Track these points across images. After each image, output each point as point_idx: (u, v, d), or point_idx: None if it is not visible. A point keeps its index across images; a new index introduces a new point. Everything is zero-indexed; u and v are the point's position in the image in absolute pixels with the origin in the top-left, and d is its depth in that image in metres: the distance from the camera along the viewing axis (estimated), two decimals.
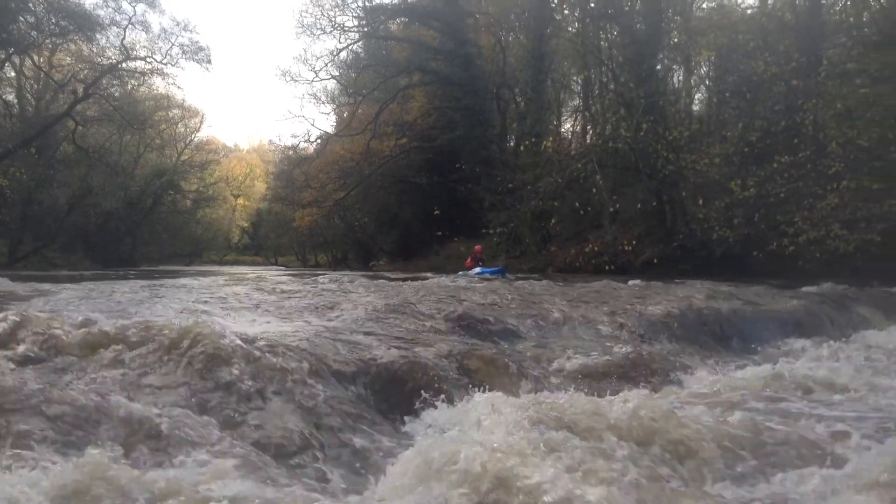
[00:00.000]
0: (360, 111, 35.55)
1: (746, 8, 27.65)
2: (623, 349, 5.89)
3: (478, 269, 20.07)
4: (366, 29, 35.88)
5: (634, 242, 23.71)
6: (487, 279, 16.27)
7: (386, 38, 36.92)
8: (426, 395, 4.19)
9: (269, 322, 5.94)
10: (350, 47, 36.98)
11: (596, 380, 5.07)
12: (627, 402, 3.30)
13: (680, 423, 3.18)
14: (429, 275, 18.01)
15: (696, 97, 32.39)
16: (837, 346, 6.83)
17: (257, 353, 3.97)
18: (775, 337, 7.62)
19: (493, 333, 6.23)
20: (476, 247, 23.39)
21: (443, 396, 4.18)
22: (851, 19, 22.99)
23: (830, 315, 9.28)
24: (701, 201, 22.25)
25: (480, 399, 3.97)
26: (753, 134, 21.34)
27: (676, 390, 4.73)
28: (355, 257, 42.79)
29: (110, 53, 36.99)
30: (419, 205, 34.73)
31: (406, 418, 3.99)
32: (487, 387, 4.36)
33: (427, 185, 33.39)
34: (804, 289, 12.16)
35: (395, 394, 4.25)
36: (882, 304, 10.76)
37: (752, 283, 14.75)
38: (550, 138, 29.62)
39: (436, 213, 31.66)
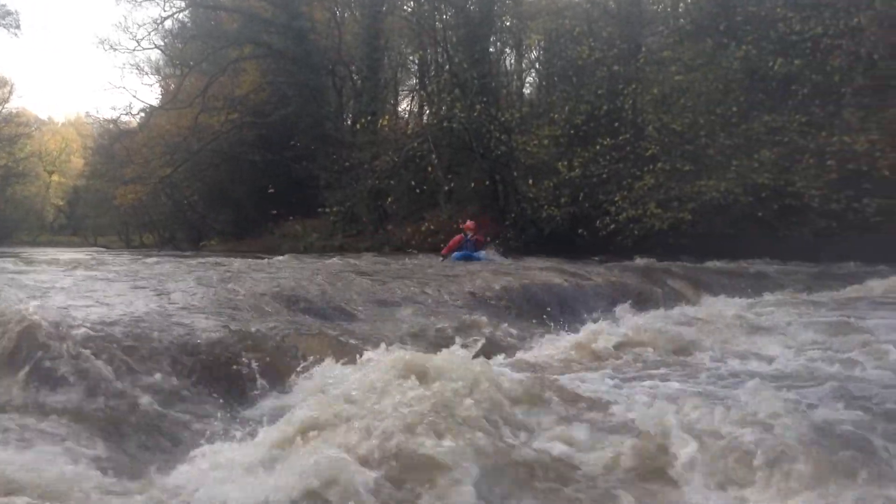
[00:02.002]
0: (187, 83, 33.80)
1: None
2: (452, 322, 5.98)
3: (457, 254, 14.65)
4: None
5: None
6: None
7: (214, 7, 35.17)
8: (254, 377, 4.05)
9: (87, 305, 5.51)
10: (175, 16, 35.02)
11: (425, 351, 5.10)
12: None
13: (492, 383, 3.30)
14: (279, 257, 17.31)
15: (528, 80, 33.51)
16: (651, 317, 7.25)
17: (71, 337, 3.68)
18: (595, 309, 7.99)
19: (327, 312, 6.12)
20: (467, 222, 16.05)
21: (273, 377, 4.06)
22: (669, 9, 24.53)
23: (646, 288, 9.85)
24: (531, 181, 23.05)
25: (309, 378, 3.92)
26: (579, 117, 22.32)
27: (500, 357, 4.86)
28: (185, 237, 40.90)
29: None
30: (253, 183, 33.61)
31: (233, 401, 3.84)
32: (317, 365, 4.28)
33: (261, 163, 32.35)
34: (623, 264, 12.89)
35: (223, 376, 4.08)
36: (692, 277, 11.57)
37: (578, 259, 15.47)
38: (387, 117, 29.59)
39: (270, 191, 30.79)
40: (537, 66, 32.60)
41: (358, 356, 4.43)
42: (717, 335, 5.93)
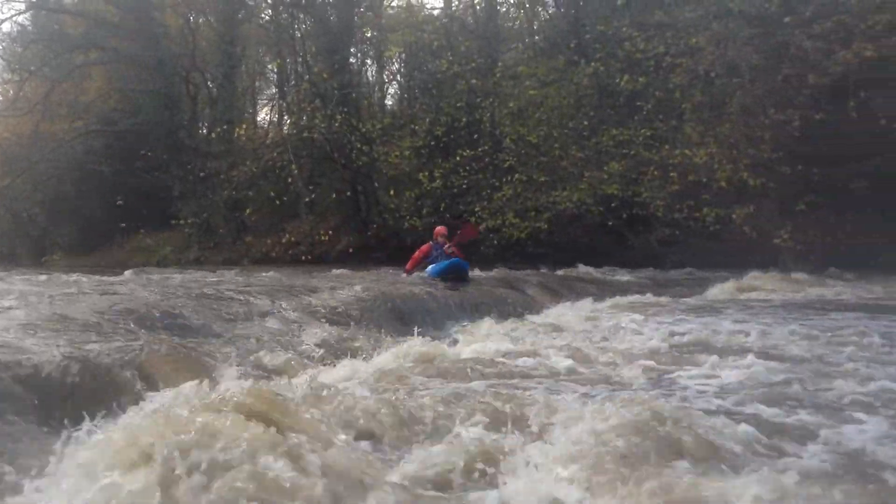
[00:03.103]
0: (27, 89, 31.54)
1: (432, 9, 29.26)
2: (312, 334, 5.88)
3: (430, 268, 11.66)
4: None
5: (331, 232, 24.02)
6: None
7: (57, 10, 33.15)
8: (95, 402, 3.78)
9: None
10: (14, 18, 32.70)
11: (285, 365, 4.99)
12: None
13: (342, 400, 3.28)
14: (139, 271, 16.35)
15: (389, 92, 33.64)
16: (511, 325, 7.40)
17: None
18: (456, 318, 8.08)
19: (178, 329, 5.84)
20: (438, 227, 13.18)
21: (115, 401, 3.81)
22: (524, 26, 25.38)
23: (506, 296, 10.07)
24: (393, 192, 23.18)
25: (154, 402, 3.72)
26: (439, 128, 22.65)
27: (358, 369, 4.81)
28: (25, 252, 38.12)
29: None
30: (100, 194, 31.79)
31: (67, 430, 3.56)
32: (167, 387, 4.07)
33: (109, 173, 30.66)
34: (483, 273, 13.12)
35: (57, 402, 3.77)
36: (549, 285, 11.95)
37: None
38: (244, 125, 28.90)
39: (119, 202, 29.26)
40: (398, 77, 32.84)
41: (213, 381, 4.27)
42: (560, 341, 6.10)
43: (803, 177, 17.01)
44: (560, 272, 14.86)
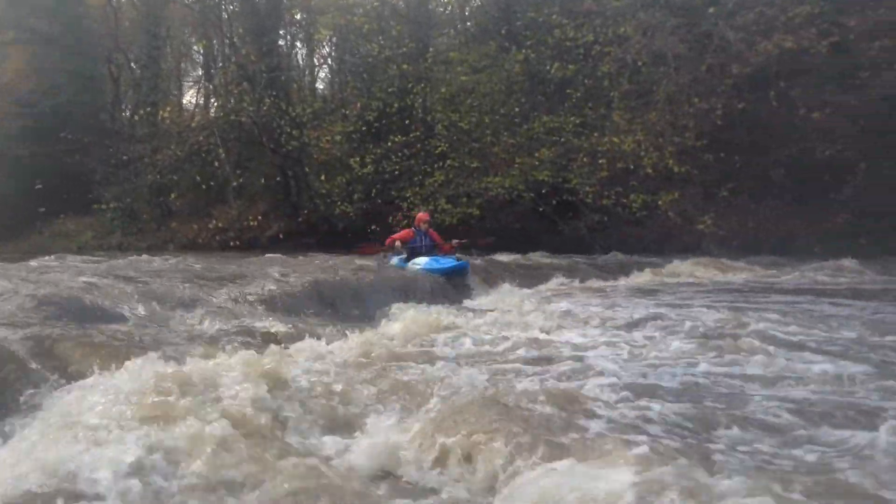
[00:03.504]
0: None
1: None
2: (240, 321, 5.76)
3: (425, 262, 10.28)
4: None
5: (260, 218, 23.62)
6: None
7: None
8: (4, 392, 3.63)
9: None
10: None
11: (213, 350, 4.85)
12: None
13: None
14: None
15: (320, 75, 33.18)
16: (444, 311, 7.37)
17: None
18: (386, 304, 8.00)
19: (98, 316, 5.63)
20: (420, 213, 12.36)
21: (26, 391, 3.65)
22: (456, 11, 25.34)
23: (437, 283, 10.04)
24: (324, 177, 22.92)
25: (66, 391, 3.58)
26: (371, 113, 22.47)
27: (291, 353, 4.73)
28: None
29: None
30: (18, 178, 30.50)
31: None
32: (86, 374, 3.92)
33: (27, 157, 29.51)
34: None
35: None
36: (480, 271, 11.97)
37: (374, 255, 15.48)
38: (168, 108, 28.12)
39: (38, 187, 28.16)
40: (329, 61, 32.42)
41: (134, 366, 4.12)
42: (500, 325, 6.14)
43: (726, 164, 17.51)
44: (493, 258, 14.91)
